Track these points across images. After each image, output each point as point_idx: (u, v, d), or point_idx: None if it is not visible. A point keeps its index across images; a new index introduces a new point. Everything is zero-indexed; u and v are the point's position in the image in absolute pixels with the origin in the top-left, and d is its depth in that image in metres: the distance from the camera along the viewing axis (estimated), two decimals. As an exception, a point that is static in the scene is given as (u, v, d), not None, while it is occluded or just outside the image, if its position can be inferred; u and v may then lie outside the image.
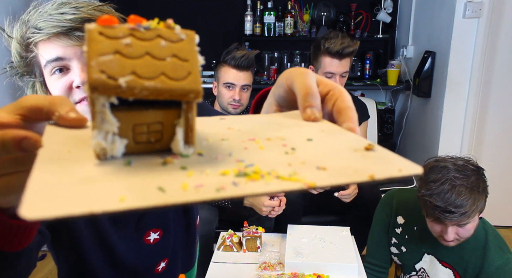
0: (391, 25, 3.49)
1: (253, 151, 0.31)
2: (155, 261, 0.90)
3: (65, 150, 0.30)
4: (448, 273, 1.41)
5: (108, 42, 0.28)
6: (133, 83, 0.27)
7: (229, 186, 0.25)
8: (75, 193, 0.24)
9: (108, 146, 0.29)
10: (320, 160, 0.29)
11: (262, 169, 0.28)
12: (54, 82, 0.74)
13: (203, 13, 3.53)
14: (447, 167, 1.28)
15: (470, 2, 2.48)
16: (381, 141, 3.13)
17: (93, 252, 0.84)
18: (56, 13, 0.70)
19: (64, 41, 0.70)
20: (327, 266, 1.50)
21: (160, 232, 0.89)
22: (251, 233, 1.67)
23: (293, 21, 3.41)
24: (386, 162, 0.29)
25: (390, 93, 3.50)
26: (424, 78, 2.86)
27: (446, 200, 1.22)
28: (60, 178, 0.26)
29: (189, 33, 0.31)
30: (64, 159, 0.29)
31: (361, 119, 2.23)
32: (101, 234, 0.84)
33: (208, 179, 0.26)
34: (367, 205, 2.00)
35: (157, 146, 0.31)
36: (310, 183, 0.26)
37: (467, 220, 1.25)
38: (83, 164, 0.28)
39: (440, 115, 2.72)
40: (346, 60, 2.02)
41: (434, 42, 2.83)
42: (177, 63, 0.29)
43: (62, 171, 0.27)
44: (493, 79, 2.66)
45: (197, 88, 0.29)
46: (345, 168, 0.28)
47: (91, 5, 0.74)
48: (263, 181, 0.26)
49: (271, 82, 3.34)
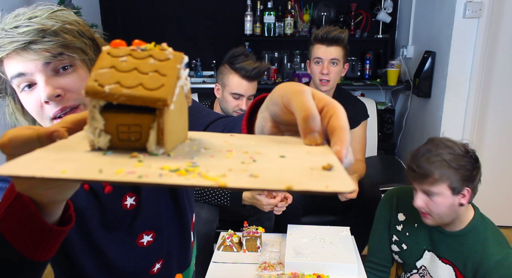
0: (391, 25, 3.49)
1: (215, 158, 0.36)
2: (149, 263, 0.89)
3: (77, 141, 0.38)
4: (448, 269, 1.41)
5: (109, 60, 0.37)
6: (114, 90, 0.35)
7: (153, 176, 0.30)
8: (41, 164, 0.31)
9: (95, 139, 0.36)
10: (264, 171, 0.32)
11: (199, 169, 0.32)
12: (26, 99, 0.73)
13: (203, 13, 3.53)
14: (440, 144, 1.32)
15: (470, 2, 2.48)
16: (381, 140, 3.13)
17: (85, 258, 0.83)
18: (10, 28, 0.68)
19: (24, 56, 0.69)
20: (327, 266, 1.50)
21: (153, 234, 0.88)
22: (251, 233, 1.67)
23: (293, 21, 3.41)
24: (325, 178, 0.31)
25: (390, 93, 3.50)
26: (424, 78, 2.86)
27: (415, 160, 1.33)
28: (46, 156, 0.33)
29: (178, 54, 0.38)
30: (68, 146, 0.37)
31: (360, 119, 2.23)
32: (91, 238, 0.83)
33: (145, 169, 0.31)
34: (367, 205, 2.00)
35: (137, 144, 0.36)
36: (222, 183, 0.29)
37: (430, 187, 1.31)
38: (76, 151, 0.35)
39: (440, 115, 2.72)
40: (335, 48, 2.05)
41: (434, 42, 2.84)
42: (155, 77, 0.36)
43: (55, 153, 0.34)
44: (493, 79, 2.66)
45: (165, 97, 0.34)
46: (275, 178, 0.30)
47: (46, 12, 0.71)
48: (184, 177, 0.30)
49: (271, 82, 3.34)
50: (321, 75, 2.05)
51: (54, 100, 0.70)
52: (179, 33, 3.58)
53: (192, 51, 3.56)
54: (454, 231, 1.40)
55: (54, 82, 0.71)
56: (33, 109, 0.73)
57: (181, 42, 3.57)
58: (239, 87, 1.89)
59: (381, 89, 3.34)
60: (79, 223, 0.79)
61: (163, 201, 0.90)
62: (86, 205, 0.80)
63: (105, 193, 0.82)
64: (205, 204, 1.85)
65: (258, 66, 1.87)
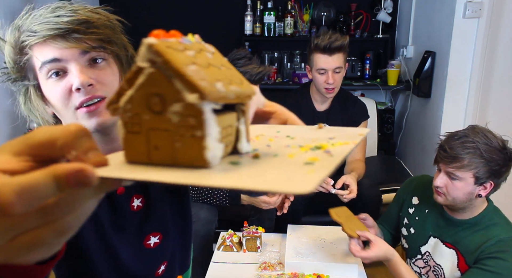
0: (391, 25, 3.49)
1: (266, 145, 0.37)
2: (155, 265, 0.89)
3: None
4: (451, 253, 1.43)
5: (181, 55, 0.30)
6: (225, 89, 0.30)
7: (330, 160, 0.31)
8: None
9: (224, 150, 0.31)
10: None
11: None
12: (52, 86, 0.72)
13: (203, 13, 3.53)
14: (480, 132, 1.33)
15: (470, 2, 2.47)
16: (381, 140, 3.13)
17: (99, 258, 0.82)
18: (52, 16, 0.69)
19: (61, 43, 0.69)
20: (327, 266, 1.50)
21: (160, 236, 0.88)
22: (251, 233, 1.67)
23: (293, 21, 3.41)
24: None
25: (390, 93, 3.50)
26: (424, 78, 2.85)
27: (450, 141, 1.34)
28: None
29: (211, 47, 0.35)
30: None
31: (360, 119, 2.22)
32: (105, 239, 0.82)
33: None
34: (367, 205, 2.00)
35: (228, 149, 0.33)
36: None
37: (456, 170, 1.32)
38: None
39: (440, 115, 2.72)
40: (337, 56, 2.02)
41: (434, 42, 2.83)
42: (230, 72, 0.33)
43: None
44: (493, 79, 2.66)
45: (254, 92, 0.34)
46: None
47: (87, 8, 0.73)
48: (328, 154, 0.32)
49: (271, 82, 3.34)
50: (327, 84, 2.05)
51: (85, 89, 0.71)
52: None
53: (192, 51, 3.56)
54: (463, 219, 1.41)
55: (88, 72, 0.72)
56: (59, 97, 0.72)
57: (181, 42, 3.57)
58: None
59: (381, 89, 3.34)
60: (95, 223, 0.79)
61: (170, 202, 0.90)
62: (99, 205, 0.80)
63: (117, 193, 0.82)
64: (204, 204, 1.85)
65: (262, 71, 1.88)
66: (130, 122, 0.31)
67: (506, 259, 1.27)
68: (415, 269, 1.54)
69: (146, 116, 0.30)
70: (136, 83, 0.31)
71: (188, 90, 0.29)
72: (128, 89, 0.31)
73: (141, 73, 0.30)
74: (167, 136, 0.30)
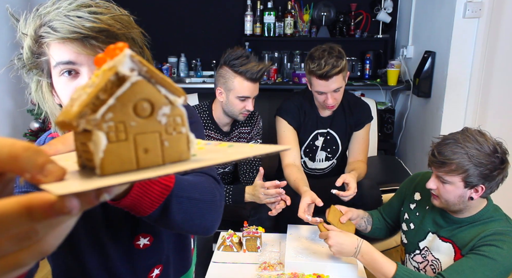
0: (391, 25, 3.49)
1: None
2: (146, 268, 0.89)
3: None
4: (448, 247, 1.43)
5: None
6: None
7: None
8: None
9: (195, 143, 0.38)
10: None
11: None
12: (63, 84, 0.73)
13: (203, 13, 3.53)
14: (471, 136, 1.33)
15: (470, 2, 2.48)
16: (381, 140, 3.13)
17: (89, 254, 0.83)
18: (74, 16, 0.68)
19: (78, 48, 0.69)
20: (327, 266, 1.50)
21: (150, 238, 0.88)
22: (251, 233, 1.67)
23: (293, 21, 3.41)
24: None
25: (390, 93, 3.50)
26: (424, 78, 2.86)
27: (440, 146, 1.35)
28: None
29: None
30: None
31: (365, 122, 2.18)
32: (96, 235, 0.83)
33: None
34: (367, 205, 1.99)
35: None
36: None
37: (444, 175, 1.33)
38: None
39: (440, 115, 2.72)
40: (336, 78, 1.92)
41: (434, 42, 2.83)
42: None
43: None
44: (493, 79, 2.66)
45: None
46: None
47: (111, 12, 0.71)
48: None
49: (271, 82, 3.34)
50: (326, 103, 2.01)
51: None
52: (179, 33, 3.57)
53: (192, 51, 3.56)
54: (462, 217, 1.41)
55: None
56: (68, 96, 0.73)
57: (181, 42, 3.57)
58: (246, 90, 1.88)
59: (381, 89, 3.34)
60: (85, 218, 0.79)
61: None
62: None
63: None
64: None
65: (262, 68, 1.87)
66: (113, 131, 0.31)
67: (502, 247, 1.27)
68: (414, 264, 1.54)
69: (132, 122, 0.32)
70: (117, 92, 0.31)
71: (174, 94, 0.33)
72: (106, 99, 0.31)
73: (123, 81, 0.31)
74: (156, 138, 0.33)
